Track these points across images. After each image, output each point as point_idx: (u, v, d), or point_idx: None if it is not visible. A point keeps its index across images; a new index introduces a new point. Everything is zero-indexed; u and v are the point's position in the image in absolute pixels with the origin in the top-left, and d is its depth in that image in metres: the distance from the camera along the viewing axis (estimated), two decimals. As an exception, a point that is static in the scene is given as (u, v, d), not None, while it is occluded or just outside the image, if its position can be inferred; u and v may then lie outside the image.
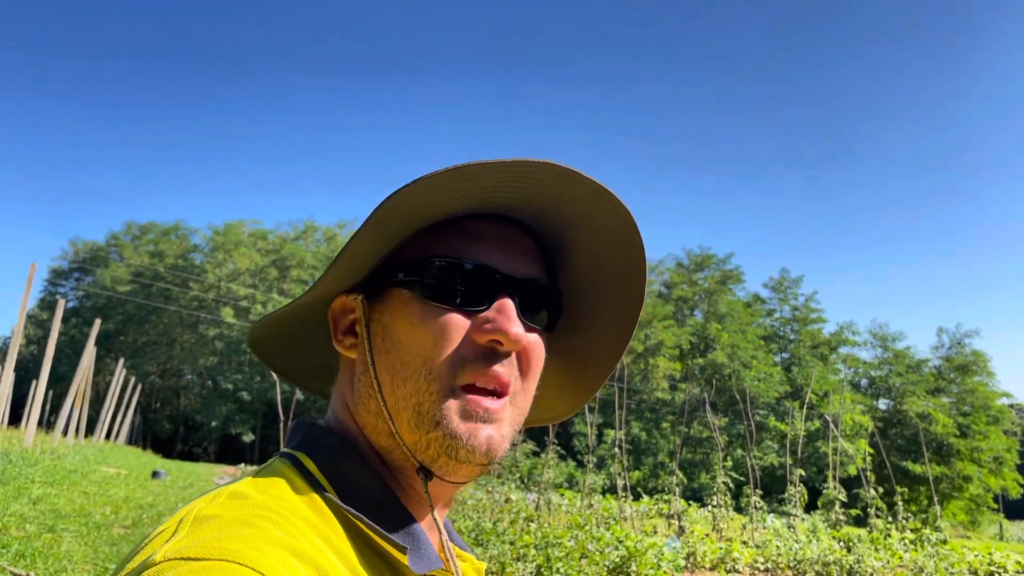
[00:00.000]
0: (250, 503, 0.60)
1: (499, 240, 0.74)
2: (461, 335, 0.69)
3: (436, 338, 0.69)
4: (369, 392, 0.72)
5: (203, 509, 0.59)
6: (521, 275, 0.73)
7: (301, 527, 0.59)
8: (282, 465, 0.69)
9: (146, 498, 11.62)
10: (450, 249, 0.72)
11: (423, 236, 0.73)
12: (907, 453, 39.59)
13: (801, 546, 9.68)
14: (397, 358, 0.70)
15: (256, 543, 0.53)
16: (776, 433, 38.02)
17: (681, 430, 31.46)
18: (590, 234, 0.77)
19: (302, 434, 0.75)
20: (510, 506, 10.77)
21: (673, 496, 12.35)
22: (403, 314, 0.71)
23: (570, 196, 0.71)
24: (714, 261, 49.06)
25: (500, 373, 0.69)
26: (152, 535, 0.59)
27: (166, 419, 52.62)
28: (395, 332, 0.71)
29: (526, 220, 0.77)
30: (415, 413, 0.69)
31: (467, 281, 0.71)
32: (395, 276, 0.72)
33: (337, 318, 0.77)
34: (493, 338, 0.69)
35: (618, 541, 7.83)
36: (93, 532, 7.70)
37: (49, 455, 13.71)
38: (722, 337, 43.25)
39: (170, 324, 51.52)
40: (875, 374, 46.42)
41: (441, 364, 0.68)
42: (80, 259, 57.75)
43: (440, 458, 0.69)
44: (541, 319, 0.76)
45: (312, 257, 53.28)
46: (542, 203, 0.73)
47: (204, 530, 0.55)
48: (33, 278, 12.87)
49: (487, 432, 0.69)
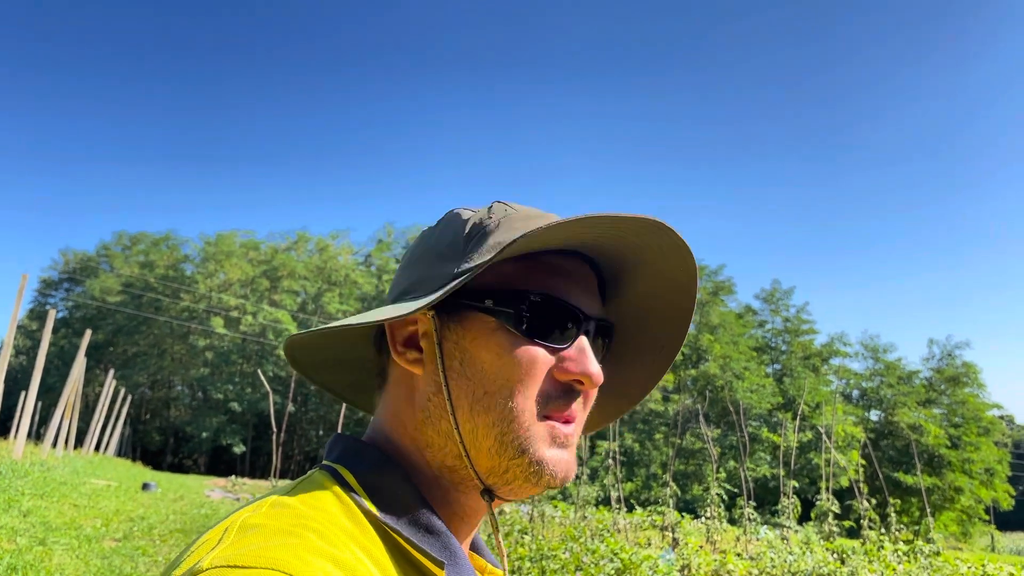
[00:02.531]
0: (293, 513, 0.61)
1: (578, 277, 0.77)
2: (546, 370, 0.72)
3: (526, 373, 0.71)
4: (440, 414, 0.72)
5: (248, 518, 0.60)
6: (595, 314, 0.76)
7: (342, 538, 0.60)
8: (322, 477, 0.70)
9: (136, 510, 11.53)
10: (539, 284, 0.73)
11: (504, 264, 0.74)
12: (899, 464, 39.65)
13: (795, 558, 9.66)
14: (480, 386, 0.71)
15: (300, 552, 0.54)
16: (769, 444, 38.03)
17: (674, 441, 31.46)
18: (652, 279, 0.81)
19: (341, 447, 0.75)
20: (504, 519, 10.74)
21: (667, 508, 12.32)
22: (489, 343, 0.72)
23: (651, 245, 0.75)
24: (706, 272, 49.21)
25: (576, 409, 0.74)
26: (197, 543, 0.60)
27: (156, 430, 52.23)
28: (478, 360, 0.72)
29: (592, 254, 0.79)
30: (498, 442, 0.70)
31: (556, 318, 0.73)
32: (480, 302, 0.73)
33: (396, 328, 0.77)
34: (576, 378, 0.72)
35: (613, 553, 7.81)
36: (84, 545, 7.64)
37: (39, 467, 13.59)
38: (714, 348, 43.31)
39: (160, 335, 51.19)
40: (866, 385, 46.52)
41: (528, 398, 0.71)
42: (70, 269, 57.44)
43: (517, 481, 0.72)
44: (598, 354, 0.78)
45: (304, 268, 53.14)
46: (621, 246, 0.76)
47: (249, 539, 0.56)
48: (24, 289, 12.80)
49: (565, 457, 0.73)
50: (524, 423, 0.70)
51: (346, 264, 54.91)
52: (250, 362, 48.93)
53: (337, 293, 51.54)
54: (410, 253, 0.82)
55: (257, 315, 49.25)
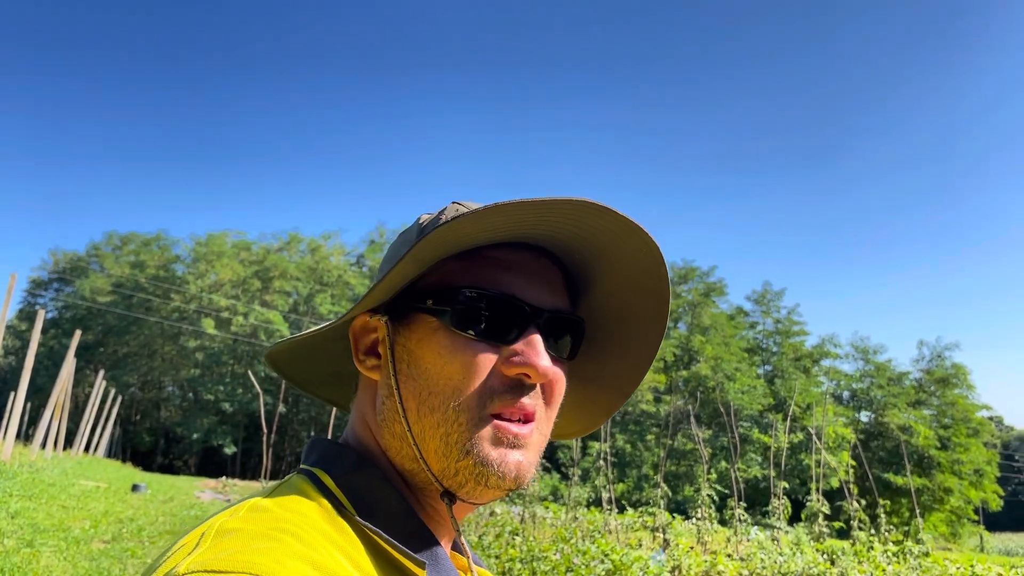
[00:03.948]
0: (271, 516, 0.60)
1: (527, 270, 0.75)
2: (490, 367, 0.70)
3: (466, 370, 0.70)
4: (394, 416, 0.72)
5: (226, 523, 0.59)
6: (548, 306, 0.74)
7: (322, 541, 0.59)
8: (300, 481, 0.70)
9: (126, 512, 11.46)
10: (480, 279, 0.72)
11: (450, 262, 0.73)
12: (889, 465, 39.84)
13: (785, 559, 9.69)
14: (424, 386, 0.71)
15: (278, 556, 0.54)
16: (760, 445, 38.14)
17: (665, 442, 31.53)
18: (617, 266, 0.78)
19: (320, 451, 0.75)
20: (495, 519, 10.72)
21: (658, 509, 12.34)
22: (431, 343, 0.71)
23: (601, 229, 0.72)
24: (698, 274, 49.32)
25: (526, 404, 0.71)
26: (174, 547, 0.59)
27: (146, 431, 51.97)
28: (422, 360, 0.71)
29: (550, 247, 0.77)
30: (443, 443, 0.69)
31: (497, 313, 0.71)
32: (422, 302, 0.72)
33: (358, 337, 0.77)
34: (522, 371, 0.70)
35: (604, 555, 7.81)
36: (72, 547, 7.60)
37: (27, 468, 13.52)
38: (706, 349, 43.42)
39: (151, 335, 50.94)
40: (857, 387, 46.74)
41: (470, 396, 0.69)
42: (60, 269, 57.09)
43: (468, 484, 0.70)
44: (564, 348, 0.77)
45: (295, 268, 52.97)
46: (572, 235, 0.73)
47: (227, 543, 0.55)
48: (13, 289, 12.73)
49: (516, 458, 0.70)
50: (467, 422, 0.69)
51: (338, 265, 54.74)
52: (241, 363, 48.74)
53: (329, 294, 51.39)
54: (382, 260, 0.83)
55: (248, 316, 49.05)
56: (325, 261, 54.30)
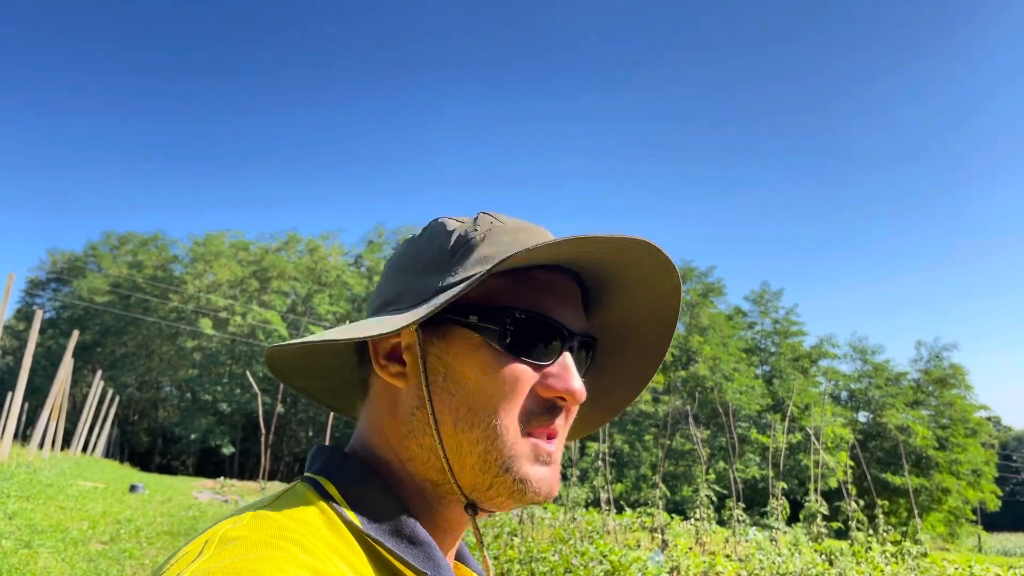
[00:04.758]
0: (274, 525, 0.60)
1: (563, 292, 0.76)
2: (529, 388, 0.71)
3: (510, 390, 0.70)
4: (424, 428, 0.72)
5: (229, 531, 0.59)
6: (578, 329, 0.75)
7: (324, 550, 0.60)
8: (304, 489, 0.69)
9: (124, 512, 11.44)
10: (525, 301, 0.72)
11: (494, 279, 0.73)
12: (887, 465, 39.86)
13: (783, 559, 9.69)
14: (463, 402, 0.71)
15: (281, 564, 0.54)
16: (758, 446, 38.15)
17: (664, 443, 31.53)
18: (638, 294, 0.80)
19: (323, 459, 0.74)
20: (493, 520, 10.73)
21: (656, 509, 12.34)
22: (472, 359, 0.71)
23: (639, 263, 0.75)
24: (696, 274, 49.33)
25: (559, 425, 0.73)
26: (177, 555, 0.59)
27: (144, 432, 51.93)
28: (461, 376, 0.71)
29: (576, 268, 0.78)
30: (482, 460, 0.70)
31: (541, 335, 0.72)
32: (464, 316, 0.71)
33: (377, 341, 0.76)
34: (559, 395, 0.72)
35: (602, 556, 7.81)
36: (70, 548, 7.59)
37: (25, 469, 13.49)
38: (704, 350, 43.41)
39: (148, 335, 50.87)
40: (855, 387, 46.75)
41: (512, 416, 0.70)
42: (58, 269, 57.03)
43: (500, 497, 0.71)
44: (582, 367, 0.78)
45: (294, 268, 52.92)
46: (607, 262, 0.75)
47: (230, 551, 0.56)
48: (10, 289, 12.71)
49: (548, 474, 0.72)
50: (508, 441, 0.70)
51: (337, 265, 54.67)
52: (239, 363, 48.68)
53: (327, 294, 51.35)
54: (393, 262, 0.81)
55: (246, 316, 48.98)
56: (323, 261, 54.25)
